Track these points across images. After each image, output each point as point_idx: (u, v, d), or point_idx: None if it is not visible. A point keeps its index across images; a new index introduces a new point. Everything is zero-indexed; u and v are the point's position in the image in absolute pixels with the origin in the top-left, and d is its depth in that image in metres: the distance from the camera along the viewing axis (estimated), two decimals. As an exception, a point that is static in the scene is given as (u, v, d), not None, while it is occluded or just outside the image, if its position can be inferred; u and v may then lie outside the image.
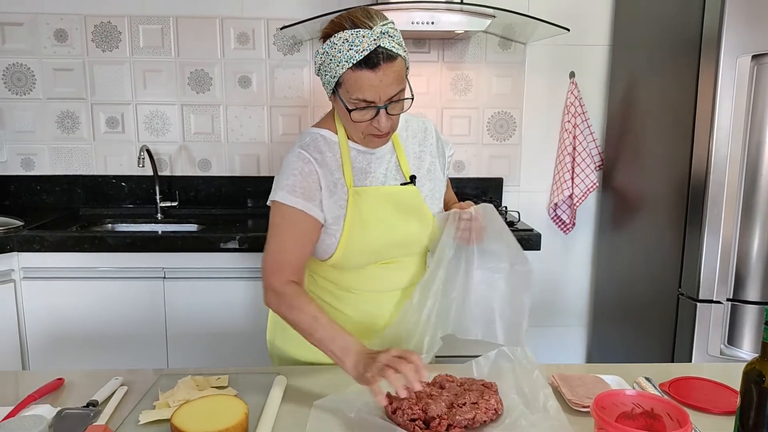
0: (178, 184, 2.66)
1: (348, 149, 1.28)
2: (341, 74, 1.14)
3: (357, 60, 1.11)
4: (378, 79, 1.12)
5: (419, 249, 1.36)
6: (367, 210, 1.26)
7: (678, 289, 1.99)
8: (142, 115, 2.61)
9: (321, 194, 1.25)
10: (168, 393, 1.12)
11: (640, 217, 2.32)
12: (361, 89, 1.14)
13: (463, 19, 2.14)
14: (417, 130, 1.38)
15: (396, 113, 1.20)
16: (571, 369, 1.27)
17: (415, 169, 1.34)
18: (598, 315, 2.75)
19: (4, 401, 1.10)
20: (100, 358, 2.14)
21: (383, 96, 1.15)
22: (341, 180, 1.27)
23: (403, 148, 1.34)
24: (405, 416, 1.02)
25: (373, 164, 1.30)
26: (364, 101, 1.15)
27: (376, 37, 1.11)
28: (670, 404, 0.94)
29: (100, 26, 2.52)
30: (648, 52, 2.26)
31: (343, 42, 1.11)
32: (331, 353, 1.13)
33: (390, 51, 1.12)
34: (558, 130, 2.70)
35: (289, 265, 1.25)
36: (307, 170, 1.25)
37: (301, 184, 1.24)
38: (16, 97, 2.56)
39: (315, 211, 1.25)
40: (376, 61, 1.11)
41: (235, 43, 2.57)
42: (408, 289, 1.36)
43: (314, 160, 1.25)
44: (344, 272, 1.34)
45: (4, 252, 2.05)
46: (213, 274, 2.14)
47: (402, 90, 1.18)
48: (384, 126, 1.19)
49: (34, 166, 2.62)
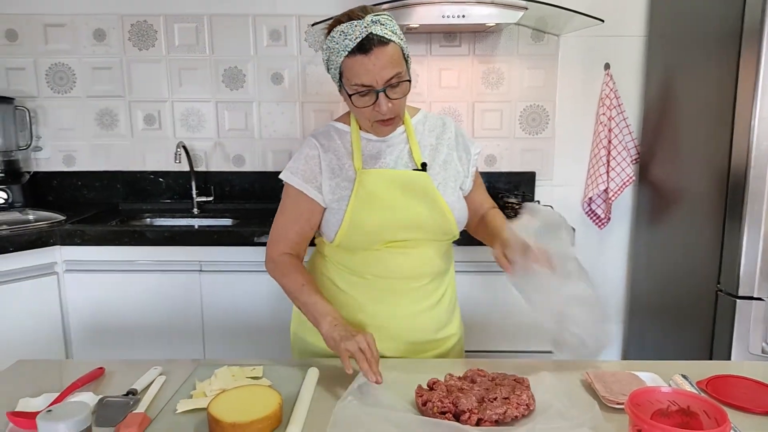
0: (213, 180, 2.71)
1: (359, 138, 1.37)
2: (340, 63, 1.23)
3: (351, 47, 1.20)
4: (371, 62, 1.20)
5: (429, 234, 1.35)
6: (373, 190, 1.31)
7: (717, 285, 1.94)
8: (178, 112, 2.66)
9: (321, 177, 1.35)
10: (205, 383, 1.14)
11: (677, 211, 2.26)
12: (357, 74, 1.22)
13: (495, 11, 2.12)
14: (435, 125, 1.42)
15: (395, 97, 1.25)
16: (606, 366, 1.25)
17: (429, 159, 1.37)
18: (634, 311, 2.70)
19: (50, 388, 1.14)
20: (139, 349, 2.20)
21: (379, 79, 1.21)
22: (349, 164, 1.35)
23: (417, 139, 1.38)
24: (435, 409, 1.02)
25: (384, 151, 1.36)
26: (362, 85, 1.23)
27: (366, 25, 1.20)
28: (708, 402, 0.92)
29: (136, 25, 2.58)
30: (686, 43, 2.20)
31: (339, 34, 1.22)
32: (310, 315, 1.27)
33: (381, 37, 1.20)
34: (592, 123, 2.65)
35: (286, 239, 1.39)
36: (311, 155, 1.36)
37: (302, 167, 1.36)
38: (57, 96, 2.64)
39: (312, 192, 1.35)
40: (369, 46, 1.19)
41: (268, 40, 2.59)
42: (421, 278, 1.36)
43: (320, 146, 1.36)
44: (354, 255, 1.36)
45: (48, 245, 2.12)
46: (247, 267, 2.18)
47: (399, 73, 1.23)
48: (385, 109, 1.24)
49: (75, 163, 2.70)
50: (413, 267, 1.36)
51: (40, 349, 2.11)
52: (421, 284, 1.37)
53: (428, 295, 1.39)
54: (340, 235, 1.33)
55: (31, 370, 1.27)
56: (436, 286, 1.40)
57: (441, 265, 1.40)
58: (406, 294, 1.36)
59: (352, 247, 1.35)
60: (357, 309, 1.37)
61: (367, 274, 1.36)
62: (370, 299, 1.37)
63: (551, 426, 1.00)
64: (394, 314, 1.36)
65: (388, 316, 1.36)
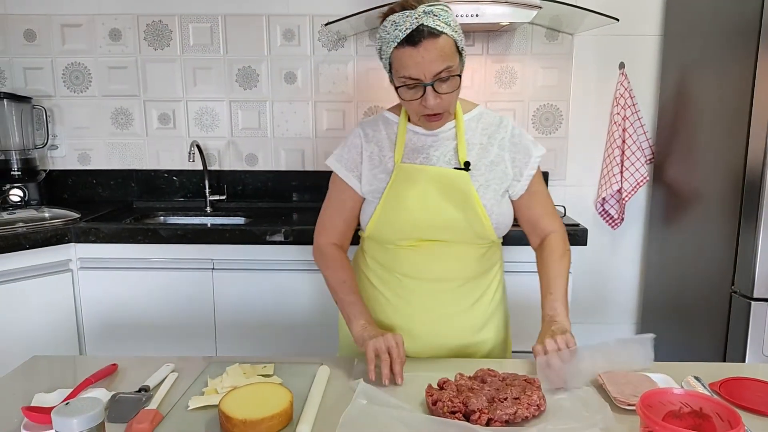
0: (226, 178, 2.72)
1: (405, 130, 1.34)
2: (390, 54, 1.20)
3: (400, 38, 1.16)
4: (420, 55, 1.16)
5: (462, 237, 1.31)
6: (407, 185, 1.29)
7: (731, 287, 1.92)
8: (192, 111, 2.68)
9: (361, 167, 1.35)
10: (216, 380, 1.15)
11: (692, 211, 2.24)
12: (405, 66, 1.18)
13: (508, 10, 2.11)
14: (490, 123, 1.36)
15: (444, 92, 1.21)
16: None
17: (476, 159, 1.32)
18: (647, 313, 2.68)
19: (63, 384, 1.16)
20: (152, 345, 2.22)
21: (427, 73, 1.17)
22: (389, 156, 1.33)
23: (467, 137, 1.33)
24: (445, 408, 1.02)
25: (430, 147, 1.33)
26: (410, 78, 1.19)
27: (418, 16, 1.16)
28: (721, 404, 0.91)
29: (151, 25, 2.60)
30: (702, 42, 2.18)
31: (391, 24, 1.18)
32: (345, 313, 1.29)
33: (433, 28, 1.15)
34: (606, 123, 2.63)
35: (332, 227, 1.41)
36: (355, 143, 1.37)
37: (347, 155, 1.38)
38: (73, 95, 2.67)
39: (353, 181, 1.36)
40: (418, 38, 1.15)
41: (281, 39, 2.60)
42: (452, 281, 1.33)
43: (364, 135, 1.37)
44: (385, 251, 1.35)
45: (63, 243, 2.14)
46: (259, 265, 2.19)
47: (449, 67, 1.18)
48: (431, 104, 1.21)
49: (91, 161, 2.73)
50: (444, 269, 1.33)
51: (55, 345, 2.13)
52: (452, 287, 1.34)
53: (459, 299, 1.35)
54: (370, 227, 1.34)
55: (45, 365, 1.28)
56: (469, 290, 1.36)
57: (476, 269, 1.36)
58: (436, 296, 1.34)
59: (382, 241, 1.35)
60: (386, 306, 1.37)
61: (397, 272, 1.35)
62: (399, 298, 1.35)
63: (562, 427, 0.99)
64: (422, 315, 1.34)
65: (415, 317, 1.35)
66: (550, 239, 1.38)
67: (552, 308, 1.26)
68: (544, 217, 1.39)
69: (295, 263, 2.18)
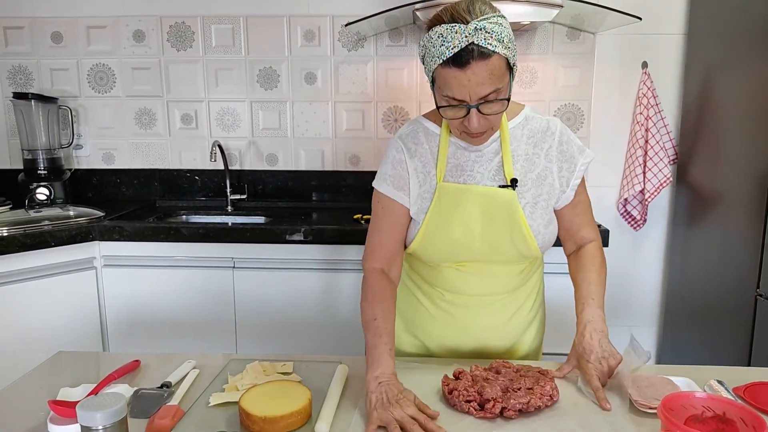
0: (247, 178, 2.75)
1: (447, 144, 1.25)
2: (433, 70, 1.10)
3: (446, 57, 1.05)
4: (467, 78, 1.05)
5: (506, 257, 1.27)
6: (450, 207, 1.23)
7: (756, 290, 1.88)
8: (214, 112, 2.71)
9: (410, 184, 1.27)
10: (237, 377, 1.16)
11: (716, 213, 2.21)
12: (450, 87, 1.08)
13: (529, 9, 2.09)
14: (536, 129, 1.27)
15: (489, 113, 1.11)
16: (640, 369, 1.23)
17: (522, 173, 1.24)
18: (670, 315, 2.64)
19: (87, 379, 1.18)
20: (173, 342, 2.25)
21: (473, 95, 1.07)
22: (432, 173, 1.26)
23: (512, 148, 1.24)
24: (461, 397, 1.04)
25: (474, 163, 1.25)
26: (454, 99, 1.09)
27: (468, 34, 1.03)
28: (745, 409, 0.89)
29: (174, 26, 2.63)
30: (727, 41, 2.14)
31: (438, 36, 1.06)
32: (368, 355, 1.16)
33: (484, 48, 1.04)
34: (629, 123, 2.60)
35: (380, 250, 1.29)
36: (399, 159, 1.28)
37: (392, 173, 1.28)
38: (98, 96, 2.72)
39: (404, 199, 1.28)
40: (467, 59, 1.04)
41: (302, 40, 2.62)
42: (493, 296, 1.31)
43: (406, 150, 1.27)
44: (428, 268, 1.33)
45: (87, 241, 2.18)
46: (279, 264, 2.20)
47: (498, 90, 1.08)
48: (475, 126, 1.12)
49: (114, 161, 2.78)
50: (486, 286, 1.30)
51: (79, 341, 2.17)
52: (493, 300, 1.32)
53: (501, 311, 1.33)
54: (413, 247, 1.29)
55: (70, 361, 1.31)
56: (511, 300, 1.34)
57: (518, 282, 1.33)
58: (477, 310, 1.32)
59: (425, 260, 1.32)
60: (424, 318, 1.36)
61: (438, 287, 1.33)
62: (441, 310, 1.34)
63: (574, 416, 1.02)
64: (464, 327, 1.33)
65: (457, 328, 1.34)
66: (589, 247, 1.33)
67: (594, 314, 1.22)
68: (584, 227, 1.34)
69: (314, 262, 2.19)
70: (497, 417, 1.02)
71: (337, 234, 2.15)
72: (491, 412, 1.01)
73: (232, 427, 1.00)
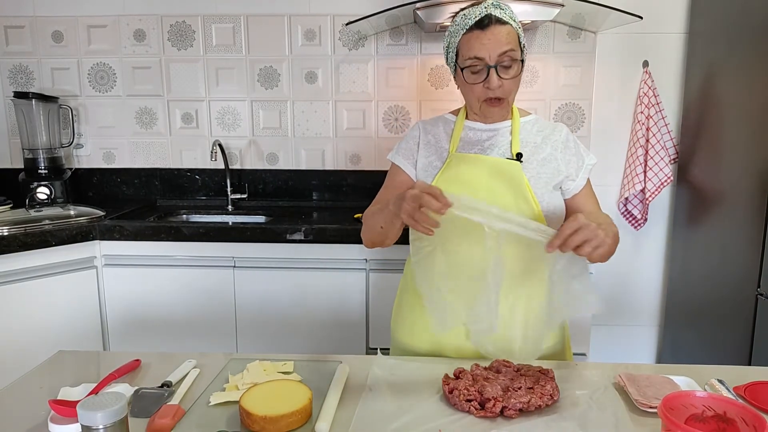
0: (248, 177, 2.75)
1: (462, 127, 1.42)
2: (458, 42, 1.30)
3: (470, 25, 1.28)
4: (487, 38, 1.26)
5: None
6: (460, 171, 1.35)
7: (757, 289, 1.88)
8: (214, 111, 2.71)
9: (417, 154, 1.43)
10: (237, 376, 1.16)
11: (717, 212, 2.20)
12: (472, 48, 1.28)
13: (530, 8, 2.09)
14: (544, 127, 1.42)
15: (507, 77, 1.29)
16: (640, 369, 1.23)
17: (528, 154, 1.36)
18: (671, 315, 2.64)
19: (87, 378, 1.18)
20: (174, 342, 2.25)
21: (492, 54, 1.27)
22: (446, 147, 1.40)
23: (521, 136, 1.39)
24: (461, 397, 1.05)
25: (486, 141, 1.39)
26: (476, 58, 1.28)
27: (486, 6, 1.28)
28: (746, 408, 0.89)
29: (175, 26, 2.63)
30: (728, 40, 2.14)
31: (461, 16, 1.30)
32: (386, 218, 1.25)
33: (500, 17, 1.27)
34: (629, 122, 2.60)
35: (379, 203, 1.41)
36: (412, 135, 1.46)
37: (405, 145, 1.46)
38: (99, 95, 2.72)
39: (408, 167, 1.43)
40: (487, 23, 1.27)
41: (303, 39, 2.62)
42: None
43: (422, 127, 1.45)
44: None
45: (88, 240, 2.18)
46: (280, 264, 2.20)
47: (512, 50, 1.27)
48: (494, 84, 1.28)
49: (115, 160, 2.78)
50: None
51: (79, 341, 2.17)
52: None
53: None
54: None
55: (71, 360, 1.31)
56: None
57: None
58: None
59: None
60: None
61: None
62: None
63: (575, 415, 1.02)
64: None
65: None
66: None
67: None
68: (593, 214, 1.30)
69: (314, 261, 2.19)
70: (498, 416, 1.02)
71: (337, 233, 2.15)
72: (492, 412, 1.01)
73: (233, 427, 1.00)
